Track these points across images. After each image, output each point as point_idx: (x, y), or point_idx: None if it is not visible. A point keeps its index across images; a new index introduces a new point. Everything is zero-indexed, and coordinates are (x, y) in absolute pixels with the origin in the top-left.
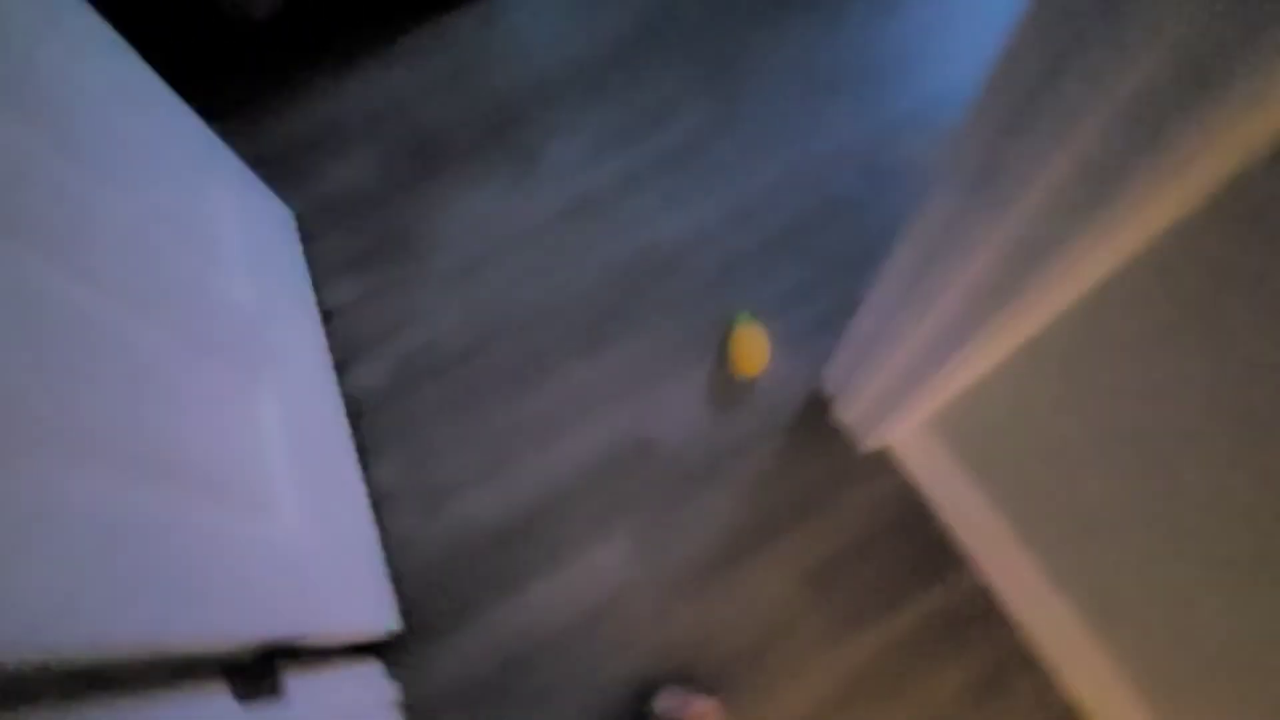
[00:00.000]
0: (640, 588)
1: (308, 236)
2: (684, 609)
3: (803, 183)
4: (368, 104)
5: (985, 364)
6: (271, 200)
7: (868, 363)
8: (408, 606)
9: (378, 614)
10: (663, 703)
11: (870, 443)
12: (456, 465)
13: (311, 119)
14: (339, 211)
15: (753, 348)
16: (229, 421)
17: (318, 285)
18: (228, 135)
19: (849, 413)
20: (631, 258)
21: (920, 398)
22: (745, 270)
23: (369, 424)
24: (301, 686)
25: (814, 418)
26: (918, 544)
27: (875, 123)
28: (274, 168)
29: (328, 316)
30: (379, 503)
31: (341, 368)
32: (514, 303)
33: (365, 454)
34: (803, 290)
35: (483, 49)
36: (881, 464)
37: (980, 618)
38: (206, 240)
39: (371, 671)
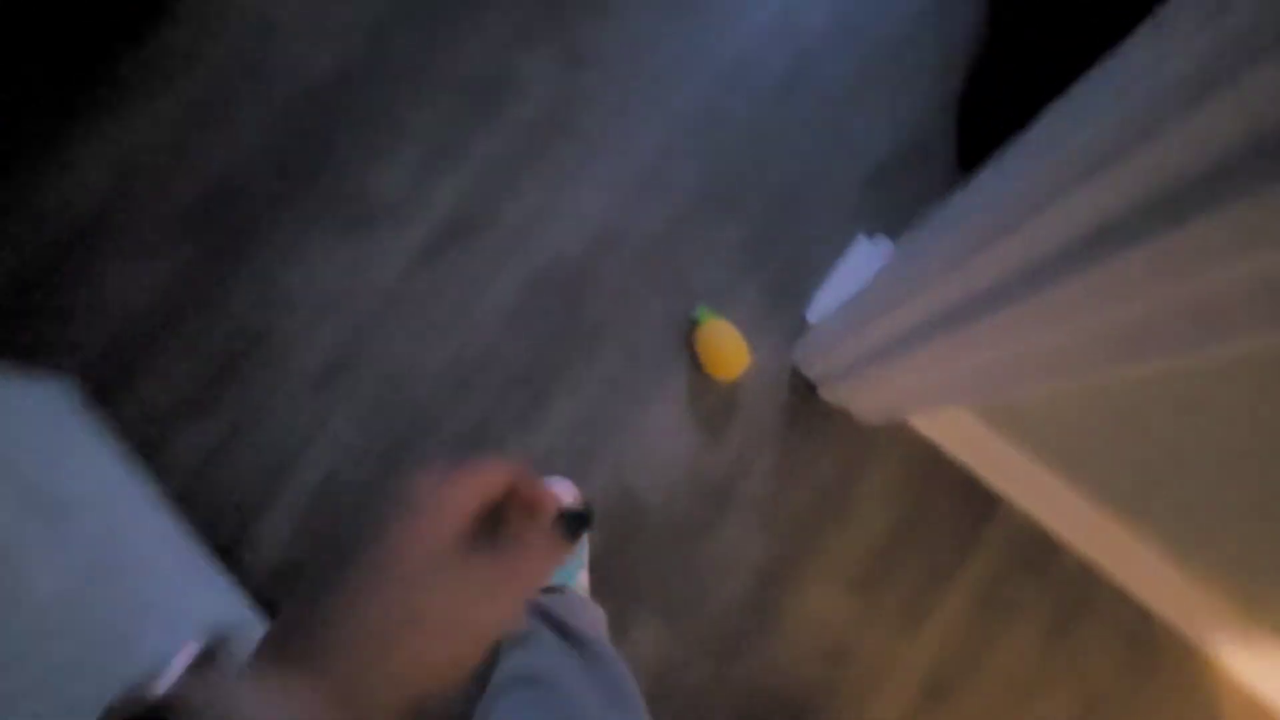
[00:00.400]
0: (685, 661)
1: (107, 400)
2: (739, 665)
3: (695, 124)
4: (101, 185)
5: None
6: (31, 386)
7: (881, 372)
8: None
9: None
10: None
11: (875, 421)
12: None
13: (29, 239)
14: (135, 348)
15: (727, 347)
16: None
17: (152, 456)
18: None
19: (852, 403)
20: (536, 281)
21: (960, 402)
22: (673, 254)
23: None
24: None
25: (802, 404)
26: (947, 507)
27: (744, 31)
28: (8, 334)
29: (186, 495)
30: None
31: (229, 555)
32: (415, 383)
33: None
34: (746, 256)
35: (226, 66)
36: (889, 433)
37: (1032, 558)
38: None
39: None
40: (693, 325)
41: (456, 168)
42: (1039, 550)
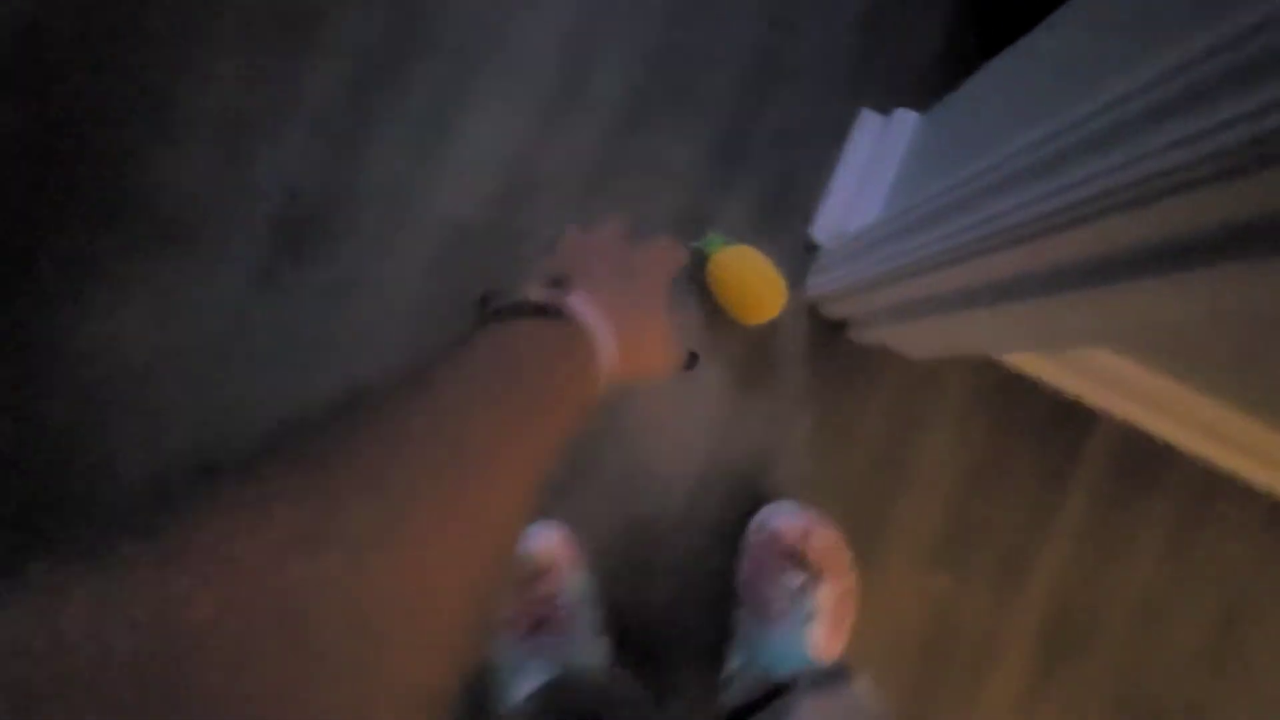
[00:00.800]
0: None
1: None
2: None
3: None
4: None
5: None
6: None
7: (950, 321)
8: None
9: None
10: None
11: (929, 358)
12: None
13: None
14: None
15: (755, 279)
16: None
17: None
18: None
19: (899, 346)
20: (435, 268)
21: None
22: (612, 186)
23: None
24: None
25: (831, 347)
26: (1031, 437)
27: None
28: None
29: None
30: None
31: None
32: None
33: None
34: (711, 168)
35: None
36: (945, 363)
37: (1139, 474)
38: None
39: None
40: (701, 259)
41: (278, 132)
42: (1145, 464)
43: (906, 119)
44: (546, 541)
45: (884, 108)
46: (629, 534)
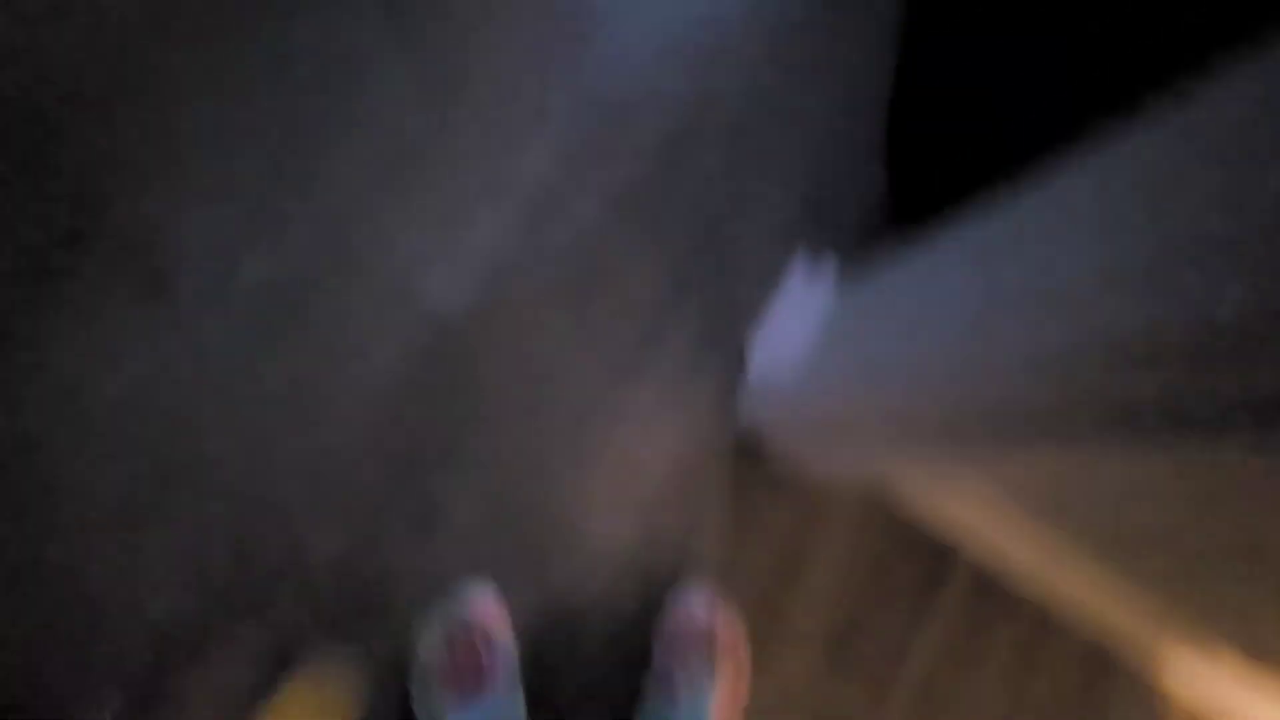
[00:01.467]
0: None
1: None
2: None
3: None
4: None
5: None
6: None
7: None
8: None
9: None
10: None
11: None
12: None
13: None
14: None
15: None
16: None
17: None
18: None
19: (828, 474)
20: (423, 360)
21: None
22: (585, 302)
23: None
24: None
25: (748, 471)
26: (905, 567)
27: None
28: None
29: None
30: None
31: None
32: (269, 499)
33: None
34: (662, 289)
35: None
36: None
37: (989, 609)
38: None
39: None
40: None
41: (286, 198)
42: (996, 600)
43: (828, 269)
44: (482, 603)
45: (814, 252)
46: (554, 602)
